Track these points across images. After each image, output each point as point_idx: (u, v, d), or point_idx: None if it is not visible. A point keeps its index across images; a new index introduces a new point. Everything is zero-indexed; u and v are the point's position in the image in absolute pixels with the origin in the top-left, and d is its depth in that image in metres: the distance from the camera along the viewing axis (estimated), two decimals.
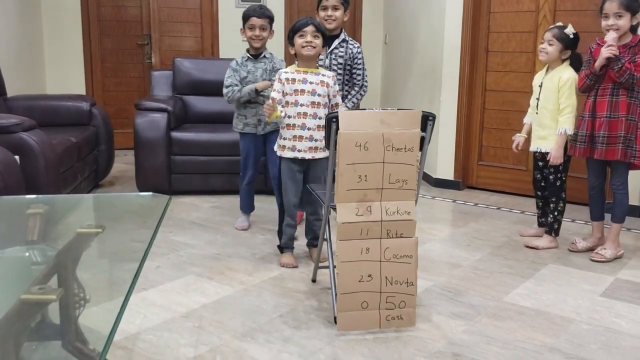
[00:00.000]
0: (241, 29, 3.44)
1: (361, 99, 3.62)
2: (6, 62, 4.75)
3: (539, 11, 4.34)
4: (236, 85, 3.39)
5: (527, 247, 3.38)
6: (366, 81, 3.58)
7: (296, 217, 3.07)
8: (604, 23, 3.09)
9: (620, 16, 3.02)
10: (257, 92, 3.34)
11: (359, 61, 3.53)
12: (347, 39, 3.53)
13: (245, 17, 3.37)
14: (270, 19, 3.41)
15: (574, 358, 2.19)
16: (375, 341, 2.28)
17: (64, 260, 1.74)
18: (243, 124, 3.48)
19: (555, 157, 3.23)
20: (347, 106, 3.46)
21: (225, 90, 3.40)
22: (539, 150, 3.35)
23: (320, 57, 3.39)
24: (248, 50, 3.45)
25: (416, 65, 5.36)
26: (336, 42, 3.48)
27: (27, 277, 1.76)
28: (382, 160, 2.28)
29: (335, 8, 3.43)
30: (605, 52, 3.02)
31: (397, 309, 2.35)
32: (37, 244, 1.95)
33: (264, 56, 3.44)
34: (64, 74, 5.93)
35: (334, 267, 2.48)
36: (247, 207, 3.70)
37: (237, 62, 3.43)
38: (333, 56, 3.48)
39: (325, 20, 3.43)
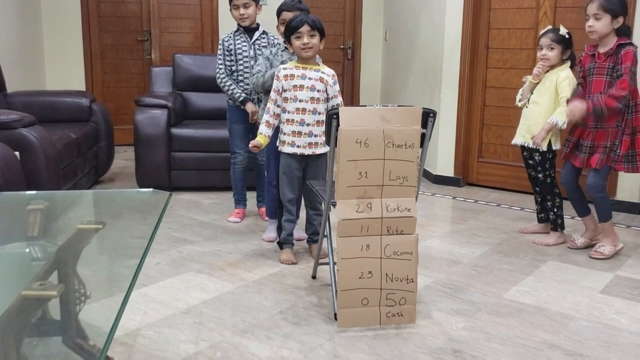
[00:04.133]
0: (277, 26, 3.30)
1: None
2: (6, 58, 4.75)
3: (539, 8, 4.34)
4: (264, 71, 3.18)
5: (536, 244, 3.38)
6: None
7: (294, 212, 3.06)
8: (586, 25, 3.07)
9: (598, 18, 3.00)
10: None
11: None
12: (266, 31, 3.66)
13: (278, 13, 3.25)
14: (301, 11, 3.15)
15: (574, 355, 2.19)
16: (375, 338, 2.29)
17: (64, 256, 1.74)
18: None
19: (538, 138, 3.23)
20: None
21: (252, 78, 3.22)
22: (526, 145, 3.35)
23: (245, 47, 3.57)
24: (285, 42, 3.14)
25: (416, 62, 5.35)
26: (257, 34, 3.61)
27: (27, 273, 1.76)
28: (382, 156, 2.28)
29: (246, 6, 3.52)
30: (574, 113, 3.04)
31: (397, 306, 2.35)
32: (38, 240, 1.95)
33: None
34: (63, 70, 5.93)
35: (334, 263, 2.48)
36: (277, 213, 3.36)
37: (271, 51, 3.22)
38: (257, 46, 3.59)
39: (239, 19, 3.55)
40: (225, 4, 3.51)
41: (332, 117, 2.30)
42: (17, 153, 3.03)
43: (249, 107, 3.54)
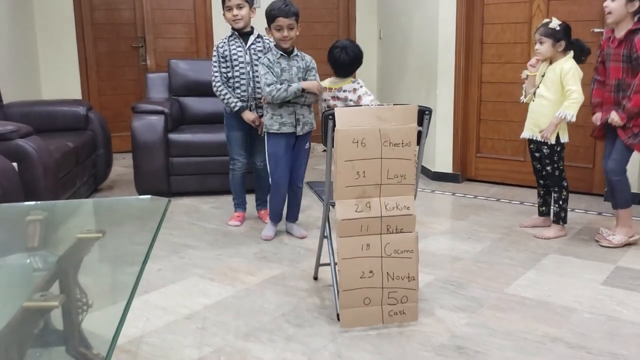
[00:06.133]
0: (266, 29, 3.25)
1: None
2: (1, 68, 4.75)
3: (532, 1, 4.34)
4: (278, 83, 3.18)
5: (537, 238, 3.39)
6: None
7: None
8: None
9: None
10: (303, 91, 3.18)
11: None
12: (261, 35, 3.58)
13: (271, 18, 3.16)
14: (297, 15, 3.19)
15: (577, 347, 2.19)
16: (378, 337, 2.29)
17: (65, 266, 1.74)
18: (279, 124, 3.24)
19: (547, 131, 3.23)
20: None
21: (268, 89, 3.15)
22: (534, 138, 3.36)
23: (241, 53, 3.51)
24: (276, 46, 3.25)
25: (411, 60, 5.36)
26: (252, 38, 3.54)
27: (28, 284, 1.76)
28: (379, 155, 2.28)
29: (239, 7, 3.44)
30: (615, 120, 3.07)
31: (399, 304, 2.35)
32: (38, 250, 1.96)
33: (296, 54, 3.27)
34: (59, 79, 5.92)
35: (335, 264, 2.48)
36: (279, 217, 3.50)
37: (269, 59, 3.22)
38: (252, 51, 3.51)
39: (233, 20, 3.47)
40: (219, 7, 3.48)
41: (328, 117, 2.30)
42: (14, 164, 3.03)
43: (247, 116, 3.47)
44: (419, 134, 2.38)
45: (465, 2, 4.55)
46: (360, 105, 3.08)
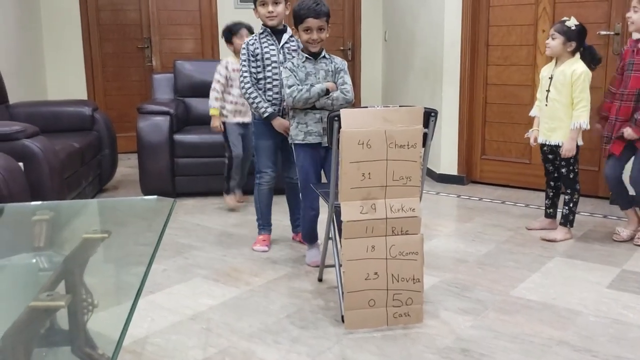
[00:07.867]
0: (293, 29, 2.96)
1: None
2: (7, 69, 4.76)
3: (538, 4, 4.33)
4: (299, 84, 2.88)
5: (544, 240, 3.38)
6: None
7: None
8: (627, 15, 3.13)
9: (636, 11, 3.01)
10: (327, 92, 2.87)
11: None
12: (292, 33, 3.24)
13: (299, 18, 2.85)
14: (328, 16, 2.89)
15: (582, 350, 2.18)
16: (383, 339, 2.29)
17: (71, 266, 1.75)
18: (304, 133, 2.90)
19: (568, 149, 3.22)
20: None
21: (288, 91, 2.83)
22: (547, 143, 3.34)
23: (274, 52, 3.17)
24: (303, 50, 2.96)
25: (417, 61, 5.35)
26: (286, 37, 3.21)
27: (34, 284, 1.77)
28: (385, 157, 2.28)
29: (275, 3, 3.13)
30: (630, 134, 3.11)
31: (404, 306, 2.35)
32: (44, 250, 1.96)
33: (324, 56, 2.97)
34: (65, 80, 5.94)
35: (340, 265, 2.48)
36: (314, 237, 3.15)
37: (292, 62, 2.92)
38: (286, 50, 3.19)
39: (267, 17, 3.14)
40: (224, 8, 3.47)
41: (333, 118, 2.30)
42: (21, 164, 3.04)
43: (278, 124, 3.11)
44: (425, 135, 2.38)
45: (471, 4, 4.55)
46: None
